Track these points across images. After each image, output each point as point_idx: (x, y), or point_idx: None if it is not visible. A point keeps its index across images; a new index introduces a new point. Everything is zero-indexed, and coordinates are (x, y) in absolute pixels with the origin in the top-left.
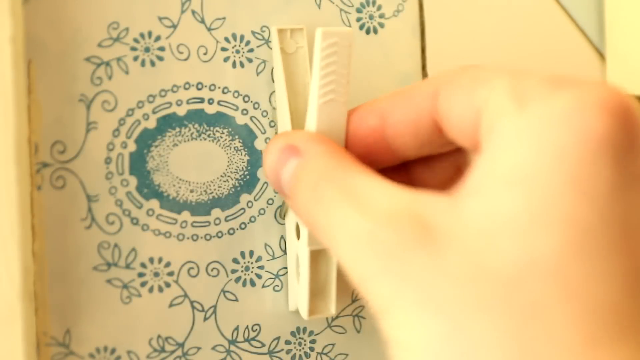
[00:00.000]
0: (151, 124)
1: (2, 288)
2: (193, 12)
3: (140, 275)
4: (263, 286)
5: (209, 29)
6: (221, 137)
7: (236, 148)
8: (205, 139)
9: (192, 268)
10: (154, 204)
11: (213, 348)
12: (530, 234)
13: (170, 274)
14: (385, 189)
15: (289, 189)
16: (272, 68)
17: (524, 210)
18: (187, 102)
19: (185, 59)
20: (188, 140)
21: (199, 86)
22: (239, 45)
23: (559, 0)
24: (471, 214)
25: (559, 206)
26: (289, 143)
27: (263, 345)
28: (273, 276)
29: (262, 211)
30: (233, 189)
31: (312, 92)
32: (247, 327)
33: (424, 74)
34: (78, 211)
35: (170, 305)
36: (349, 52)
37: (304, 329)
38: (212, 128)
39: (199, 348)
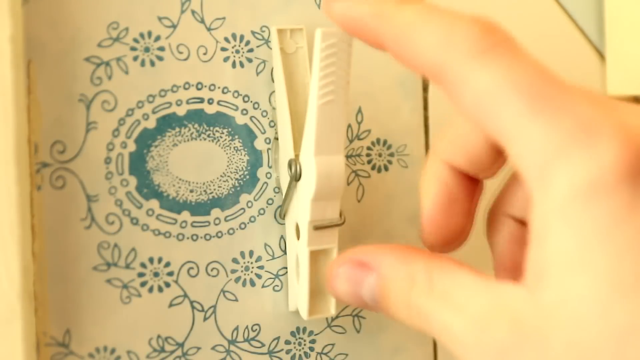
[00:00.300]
0: (151, 124)
1: (2, 288)
2: (193, 12)
3: (140, 275)
4: (263, 286)
5: (209, 29)
6: (221, 137)
7: (236, 148)
8: (205, 139)
9: (192, 268)
10: (154, 204)
11: (213, 348)
12: (610, 312)
13: (170, 274)
14: (469, 284)
15: (379, 307)
16: (272, 68)
17: (597, 296)
18: (187, 102)
19: (185, 59)
20: (188, 140)
21: (199, 86)
22: (239, 45)
23: (559, 0)
24: (551, 305)
25: (624, 283)
26: (357, 259)
27: (263, 345)
28: (273, 276)
29: (261, 211)
30: (233, 189)
31: (312, 93)
32: (246, 327)
33: None
34: (78, 211)
35: (170, 305)
36: (349, 53)
37: (304, 329)
38: (211, 128)
39: (198, 348)
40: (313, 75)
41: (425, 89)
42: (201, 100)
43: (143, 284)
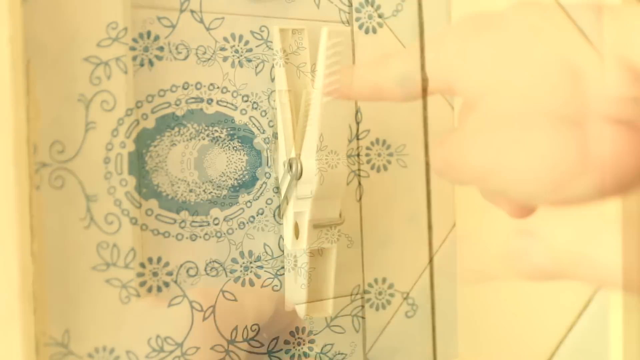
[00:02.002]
0: (150, 123)
1: (1, 288)
2: (192, 11)
3: (139, 275)
4: (262, 286)
5: (208, 29)
6: (220, 137)
7: (235, 148)
8: (204, 139)
9: (191, 268)
10: (153, 203)
11: (212, 348)
12: None
13: (169, 273)
14: None
15: None
16: (271, 68)
17: None
18: (186, 102)
19: (184, 59)
20: (187, 140)
21: (198, 86)
22: (238, 45)
23: (559, 1)
24: None
25: None
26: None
27: (262, 345)
28: (272, 276)
29: (260, 211)
30: (232, 189)
31: (316, 92)
32: (245, 327)
33: (424, 74)
34: (77, 211)
35: (169, 305)
36: (353, 52)
37: (303, 329)
38: (211, 128)
39: (197, 348)
40: (317, 74)
41: (424, 89)
42: (200, 100)
43: (142, 284)
